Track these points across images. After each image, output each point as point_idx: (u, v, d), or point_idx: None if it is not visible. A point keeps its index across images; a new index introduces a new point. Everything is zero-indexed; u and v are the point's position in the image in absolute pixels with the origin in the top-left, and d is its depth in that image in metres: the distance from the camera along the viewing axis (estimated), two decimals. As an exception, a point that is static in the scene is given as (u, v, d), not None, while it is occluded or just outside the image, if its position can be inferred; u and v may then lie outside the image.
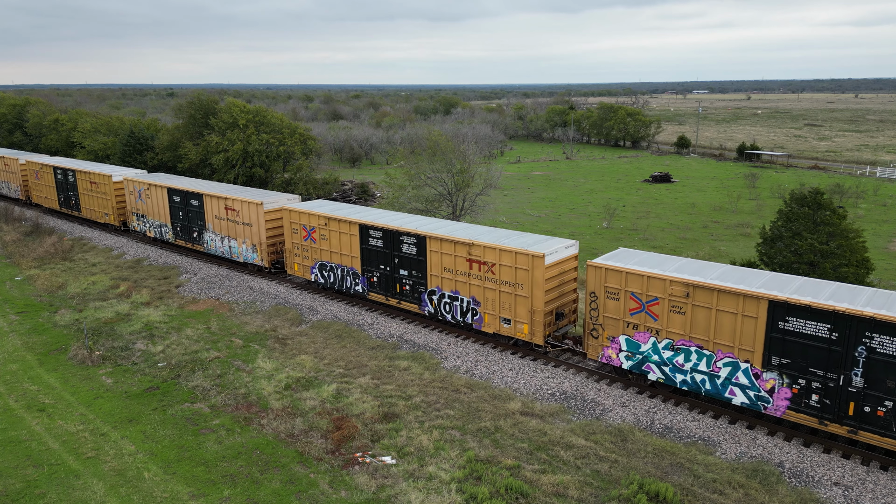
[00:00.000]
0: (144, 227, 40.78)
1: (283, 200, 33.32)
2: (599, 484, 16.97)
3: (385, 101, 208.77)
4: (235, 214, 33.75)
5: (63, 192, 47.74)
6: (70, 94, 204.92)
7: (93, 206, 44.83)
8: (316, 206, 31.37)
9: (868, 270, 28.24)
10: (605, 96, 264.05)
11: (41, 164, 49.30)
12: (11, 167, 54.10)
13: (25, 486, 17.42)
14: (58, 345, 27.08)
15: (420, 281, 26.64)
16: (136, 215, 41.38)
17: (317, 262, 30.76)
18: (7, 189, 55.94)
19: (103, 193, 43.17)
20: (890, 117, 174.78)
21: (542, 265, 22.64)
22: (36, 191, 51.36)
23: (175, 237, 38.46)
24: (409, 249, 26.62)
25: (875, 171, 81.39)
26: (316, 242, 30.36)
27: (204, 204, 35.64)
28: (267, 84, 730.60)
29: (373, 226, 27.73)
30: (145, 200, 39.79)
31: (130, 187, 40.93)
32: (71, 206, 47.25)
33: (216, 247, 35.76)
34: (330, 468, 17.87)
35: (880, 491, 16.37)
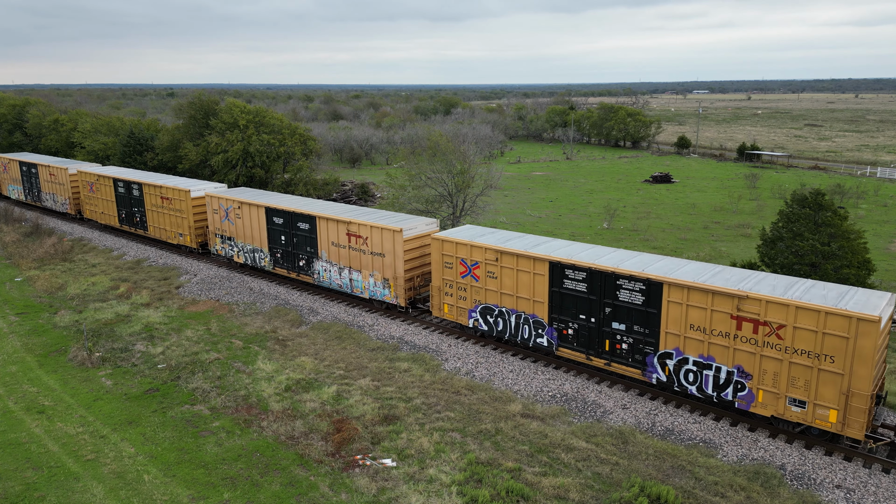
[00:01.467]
0: (231, 251, 35.30)
1: (422, 226, 28.12)
2: (600, 486, 16.92)
3: (385, 101, 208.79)
4: (362, 242, 28.43)
5: (125, 208, 42.04)
6: (70, 95, 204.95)
7: (163, 225, 39.27)
8: (477, 236, 25.50)
9: (869, 272, 28.21)
10: (605, 96, 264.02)
11: (97, 176, 43.77)
12: (59, 178, 48.05)
13: (25, 488, 17.37)
14: (57, 346, 27.03)
15: (646, 339, 20.70)
16: (220, 237, 35.78)
17: (478, 305, 24.90)
18: (52, 202, 49.89)
19: (178, 211, 37.67)
20: (890, 117, 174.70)
21: None
22: (90, 205, 45.56)
23: (273, 265, 33.04)
24: (632, 297, 20.72)
25: (875, 171, 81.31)
26: (479, 281, 24.50)
27: (317, 228, 30.29)
28: (267, 84, 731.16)
29: (572, 265, 21.93)
30: (234, 221, 34.17)
31: (214, 205, 35.41)
32: (134, 223, 41.67)
33: (330, 278, 30.41)
34: (330, 470, 17.82)
35: (882, 494, 16.32)
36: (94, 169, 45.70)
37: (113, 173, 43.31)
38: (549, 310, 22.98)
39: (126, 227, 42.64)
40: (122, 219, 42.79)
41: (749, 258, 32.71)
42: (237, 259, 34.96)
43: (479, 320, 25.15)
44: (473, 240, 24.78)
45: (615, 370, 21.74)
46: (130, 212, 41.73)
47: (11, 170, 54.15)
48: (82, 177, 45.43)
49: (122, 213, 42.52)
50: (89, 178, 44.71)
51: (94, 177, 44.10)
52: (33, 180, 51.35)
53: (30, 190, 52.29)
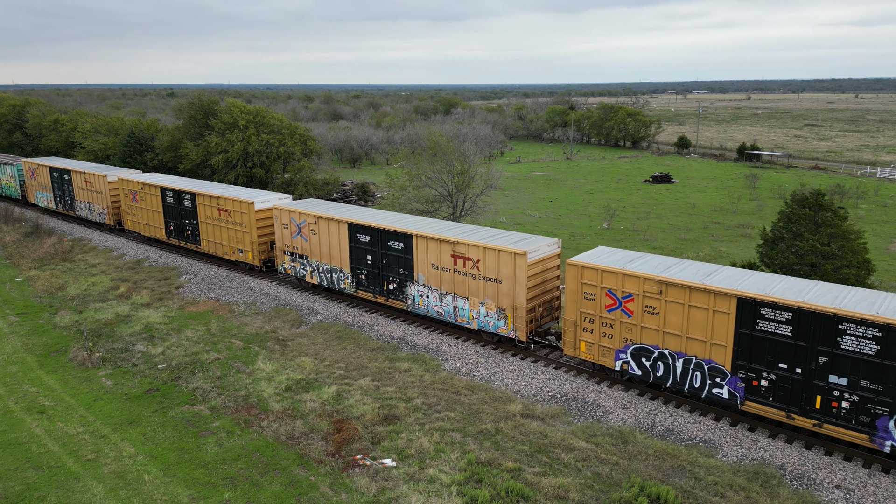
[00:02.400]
0: (302, 270, 31.81)
1: (544, 247, 24.62)
2: (600, 486, 16.93)
3: (385, 101, 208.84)
4: (472, 266, 24.95)
5: (174, 220, 38.45)
6: (70, 95, 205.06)
7: (219, 239, 35.81)
8: (625, 262, 21.75)
9: (869, 272, 28.20)
10: (605, 96, 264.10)
11: (142, 184, 40.10)
12: (96, 185, 44.32)
13: (25, 488, 17.38)
14: (57, 346, 27.05)
15: (879, 397, 17.12)
16: (289, 254, 32.26)
17: (630, 345, 21.13)
18: (88, 211, 46.19)
19: (239, 224, 34.14)
20: (890, 117, 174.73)
21: None
22: (132, 215, 41.84)
23: (355, 287, 29.51)
24: (860, 346, 16.99)
25: (875, 171, 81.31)
26: (632, 316, 20.80)
27: (414, 248, 26.79)
28: (267, 84, 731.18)
29: (771, 302, 18.18)
30: (308, 237, 30.80)
31: (284, 219, 31.84)
32: (185, 237, 38.12)
33: (428, 305, 26.90)
34: (330, 471, 17.83)
35: (882, 494, 16.33)
36: (138, 177, 42.00)
37: (161, 181, 39.81)
38: (733, 355, 19.14)
39: (175, 241, 39.07)
40: (169, 231, 39.14)
41: (749, 258, 32.72)
42: (310, 279, 31.35)
43: (631, 363, 21.28)
44: (625, 267, 21.02)
45: (827, 432, 18.07)
46: (180, 224, 38.15)
47: (40, 176, 50.61)
48: (124, 185, 41.67)
49: (171, 226, 38.85)
50: (132, 187, 40.96)
51: (137, 185, 40.42)
52: (66, 187, 47.75)
53: (61, 198, 48.72)
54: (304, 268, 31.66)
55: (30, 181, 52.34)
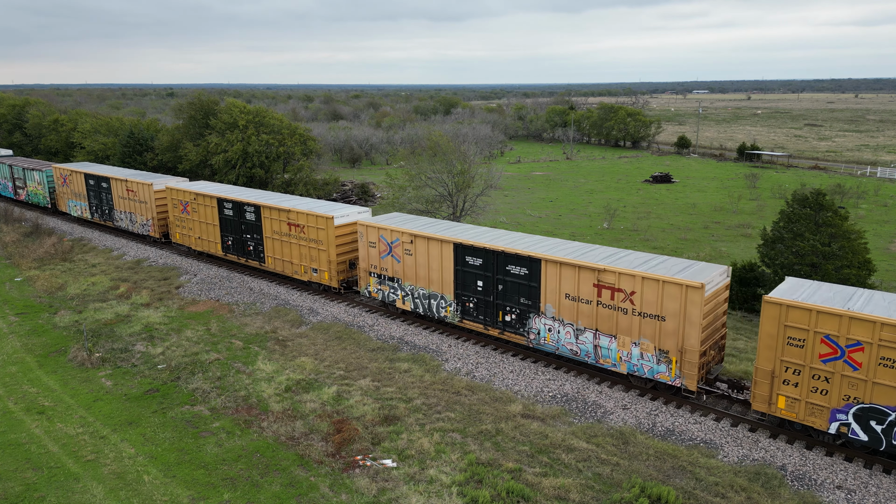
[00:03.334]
0: (392, 294, 28.14)
1: (716, 276, 20.63)
2: (601, 487, 16.90)
3: (385, 101, 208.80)
4: (623, 298, 20.92)
5: (233, 234, 34.88)
6: (70, 94, 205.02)
7: (288, 257, 32.23)
8: (842, 299, 18.14)
9: (870, 272, 28.19)
10: (605, 96, 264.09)
11: (195, 194, 36.32)
12: (140, 194, 40.75)
13: (25, 489, 17.35)
14: (57, 346, 27.01)
15: None
16: (376, 276, 28.57)
17: (853, 404, 17.31)
18: (129, 222, 42.55)
19: (314, 241, 30.80)
20: (890, 117, 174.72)
21: None
22: (182, 228, 38.26)
23: (460, 316, 25.91)
24: None
25: (876, 171, 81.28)
26: (859, 370, 17.07)
27: (542, 274, 22.79)
28: (267, 84, 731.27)
29: None
30: (401, 257, 27.23)
31: (371, 236, 28.07)
32: (246, 253, 34.51)
33: (559, 341, 22.88)
34: (330, 471, 17.80)
35: (883, 494, 16.30)
36: (190, 186, 38.38)
37: (218, 191, 36.32)
38: None
39: (233, 257, 35.51)
40: (227, 247, 35.57)
41: (749, 258, 32.71)
42: (401, 305, 28.02)
43: (854, 426, 17.42)
44: (850, 309, 17.21)
45: None
46: (241, 239, 34.46)
47: (74, 183, 46.68)
48: (173, 194, 38.14)
49: (229, 241, 35.26)
50: (183, 197, 37.38)
51: (190, 195, 36.80)
52: (103, 196, 44.06)
53: (98, 207, 44.98)
54: (394, 292, 28.07)
55: (61, 188, 48.53)
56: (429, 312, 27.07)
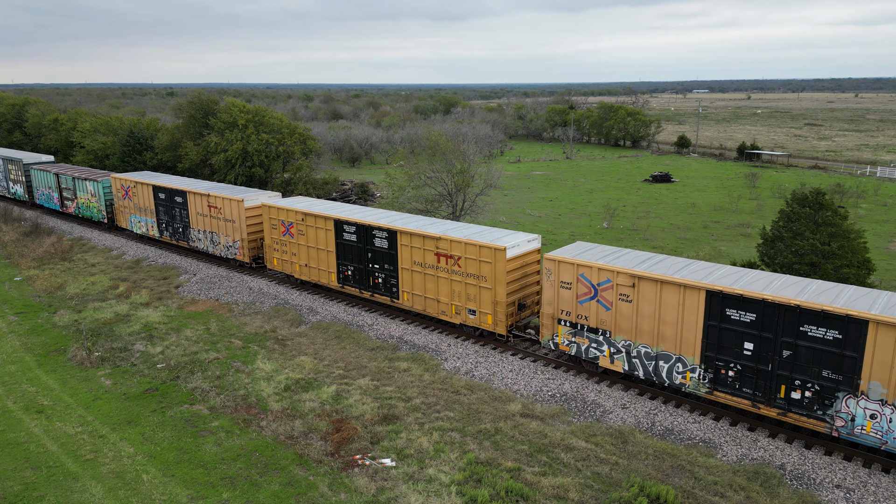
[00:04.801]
0: (596, 349, 22.12)
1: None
2: (600, 486, 16.90)
3: (385, 100, 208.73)
4: None
5: (356, 263, 29.26)
6: (70, 94, 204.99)
7: (433, 293, 26.60)
8: None
9: (869, 271, 28.17)
10: (605, 96, 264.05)
11: (303, 214, 30.74)
12: (226, 212, 34.93)
13: (24, 488, 17.35)
14: (56, 346, 27.01)
15: None
16: (569, 325, 22.64)
17: None
18: (210, 243, 36.71)
19: (473, 276, 24.98)
20: (890, 117, 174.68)
21: None
22: (282, 252, 32.58)
23: (710, 386, 19.92)
24: None
25: (875, 170, 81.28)
26: None
27: (868, 340, 16.96)
28: (267, 83, 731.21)
29: None
30: (612, 304, 21.40)
31: (567, 274, 22.24)
32: (373, 286, 28.85)
33: (887, 431, 17.05)
34: (329, 470, 17.80)
35: (882, 493, 16.30)
36: (294, 203, 32.53)
37: (335, 212, 30.43)
38: None
39: (352, 290, 29.92)
40: (345, 278, 29.98)
41: (749, 257, 32.70)
42: (606, 363, 21.97)
43: None
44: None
45: None
46: (365, 270, 29.03)
47: (139, 196, 40.97)
48: (272, 213, 32.49)
49: (347, 270, 29.75)
50: (286, 216, 31.75)
51: (297, 214, 31.17)
52: (177, 212, 38.41)
53: (169, 224, 39.26)
54: (597, 347, 22.06)
55: (121, 202, 42.94)
56: (653, 376, 21.12)
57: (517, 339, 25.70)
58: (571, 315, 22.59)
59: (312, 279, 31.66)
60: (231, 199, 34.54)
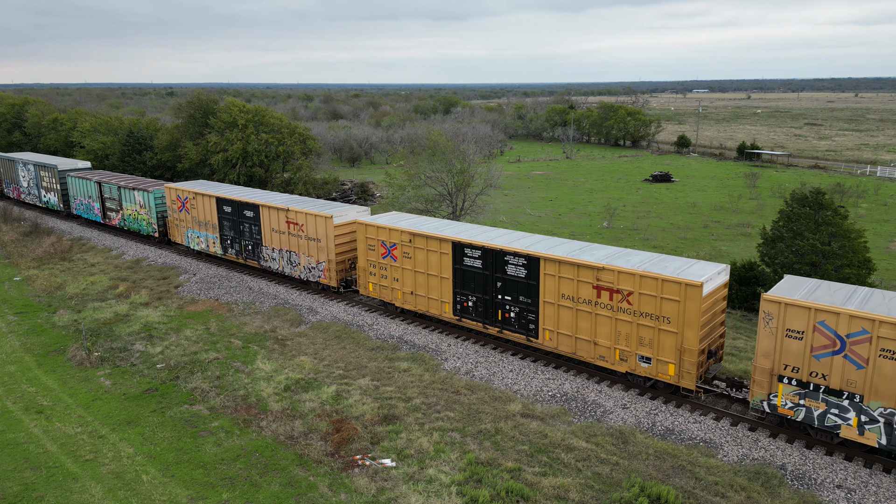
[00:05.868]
0: (836, 414, 17.72)
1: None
2: (600, 486, 16.87)
3: (385, 100, 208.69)
4: None
5: (480, 292, 24.86)
6: (69, 94, 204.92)
7: (590, 335, 22.11)
8: None
9: (870, 271, 28.15)
10: (605, 95, 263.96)
11: (412, 234, 26.39)
12: (310, 229, 30.87)
13: (23, 488, 17.31)
14: (56, 346, 26.98)
15: None
16: (798, 384, 18.17)
17: None
18: (287, 263, 32.58)
19: (656, 318, 20.51)
20: (890, 116, 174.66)
21: None
22: (380, 277, 28.14)
23: None
24: None
25: (875, 170, 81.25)
26: None
27: None
28: (267, 83, 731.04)
29: None
30: (866, 361, 17.09)
31: (827, 328, 17.47)
32: (503, 320, 24.50)
33: None
34: (329, 471, 17.77)
35: (883, 494, 16.27)
36: (398, 222, 27.89)
37: (453, 233, 25.94)
38: None
39: (473, 324, 25.56)
40: (463, 309, 25.61)
41: (749, 257, 32.68)
42: (852, 434, 17.63)
43: None
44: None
45: None
46: (494, 301, 24.56)
47: (199, 208, 36.65)
48: (369, 232, 28.15)
49: (468, 300, 25.34)
50: (388, 236, 27.39)
51: (402, 234, 26.74)
52: (245, 227, 34.15)
53: (236, 241, 34.97)
54: (839, 413, 17.77)
55: (176, 214, 38.59)
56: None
57: (707, 394, 21.38)
58: (801, 372, 18.23)
59: (419, 309, 27.27)
60: (317, 214, 30.38)
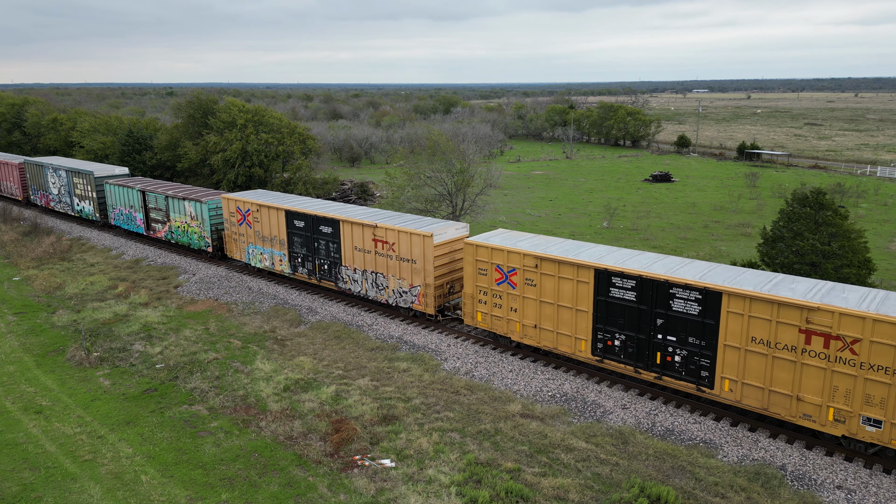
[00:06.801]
0: None
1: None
2: (600, 487, 16.84)
3: (385, 100, 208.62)
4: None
5: (635, 331, 21.09)
6: (69, 94, 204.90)
7: (806, 391, 18.05)
8: None
9: (870, 271, 28.12)
10: (605, 95, 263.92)
11: (537, 258, 22.56)
12: (403, 248, 27.11)
13: (22, 489, 17.28)
14: (55, 346, 26.95)
15: None
16: None
17: None
18: (372, 287, 28.92)
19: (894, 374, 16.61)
20: (890, 116, 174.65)
21: None
22: (496, 305, 24.30)
23: None
24: None
25: (875, 170, 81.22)
26: None
27: None
28: (267, 83, 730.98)
29: None
30: None
31: None
32: (664, 364, 20.69)
33: None
34: (329, 471, 17.74)
35: (883, 494, 16.25)
36: (517, 242, 24.11)
37: (596, 257, 22.18)
38: None
39: (619, 366, 21.76)
40: (606, 348, 21.85)
41: (749, 257, 32.63)
42: None
43: None
44: None
45: None
46: (652, 341, 20.81)
47: (264, 222, 32.89)
48: (479, 253, 24.34)
49: (614, 339, 21.60)
50: (506, 260, 23.64)
51: (526, 259, 23.00)
52: (322, 245, 30.58)
53: (308, 259, 31.33)
54: None
55: (234, 228, 34.77)
56: None
57: None
58: None
59: (543, 345, 23.58)
60: (413, 232, 26.63)
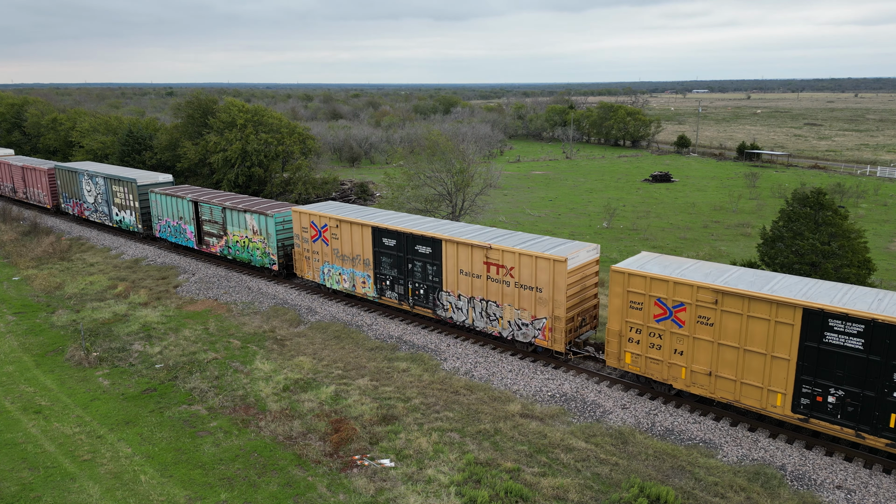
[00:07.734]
0: None
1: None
2: (600, 487, 16.83)
3: (384, 100, 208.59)
4: None
5: (858, 386, 16.91)
6: (69, 94, 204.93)
7: None
8: None
9: (870, 271, 28.10)
10: (605, 95, 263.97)
11: (718, 292, 18.68)
12: (524, 273, 23.21)
13: (21, 489, 17.27)
14: (55, 346, 26.93)
15: None
16: None
17: None
18: (482, 315, 24.99)
19: None
20: (890, 116, 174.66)
21: None
22: (655, 346, 20.54)
23: None
24: None
25: (875, 170, 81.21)
26: None
27: None
28: (267, 83, 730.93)
29: None
30: None
31: None
32: (871, 420, 16.85)
33: None
34: (328, 471, 17.72)
35: (883, 494, 16.23)
36: (681, 271, 20.26)
37: (803, 293, 18.06)
38: None
39: (837, 428, 17.51)
40: (820, 405, 17.71)
41: (749, 257, 32.61)
42: None
43: None
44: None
45: None
46: (891, 401, 16.54)
47: (345, 239, 29.16)
48: (632, 283, 20.58)
49: (829, 394, 17.48)
50: (671, 293, 19.78)
51: (702, 292, 19.23)
52: (417, 267, 26.70)
53: (399, 282, 27.55)
54: None
55: (308, 245, 31.03)
56: None
57: None
58: None
59: (720, 397, 19.56)
60: (540, 256, 22.58)
